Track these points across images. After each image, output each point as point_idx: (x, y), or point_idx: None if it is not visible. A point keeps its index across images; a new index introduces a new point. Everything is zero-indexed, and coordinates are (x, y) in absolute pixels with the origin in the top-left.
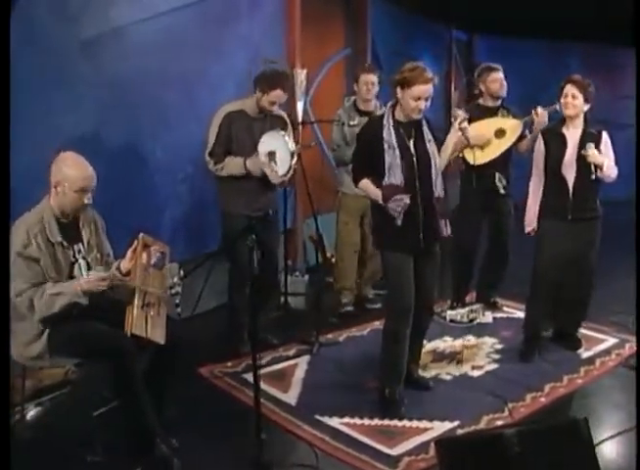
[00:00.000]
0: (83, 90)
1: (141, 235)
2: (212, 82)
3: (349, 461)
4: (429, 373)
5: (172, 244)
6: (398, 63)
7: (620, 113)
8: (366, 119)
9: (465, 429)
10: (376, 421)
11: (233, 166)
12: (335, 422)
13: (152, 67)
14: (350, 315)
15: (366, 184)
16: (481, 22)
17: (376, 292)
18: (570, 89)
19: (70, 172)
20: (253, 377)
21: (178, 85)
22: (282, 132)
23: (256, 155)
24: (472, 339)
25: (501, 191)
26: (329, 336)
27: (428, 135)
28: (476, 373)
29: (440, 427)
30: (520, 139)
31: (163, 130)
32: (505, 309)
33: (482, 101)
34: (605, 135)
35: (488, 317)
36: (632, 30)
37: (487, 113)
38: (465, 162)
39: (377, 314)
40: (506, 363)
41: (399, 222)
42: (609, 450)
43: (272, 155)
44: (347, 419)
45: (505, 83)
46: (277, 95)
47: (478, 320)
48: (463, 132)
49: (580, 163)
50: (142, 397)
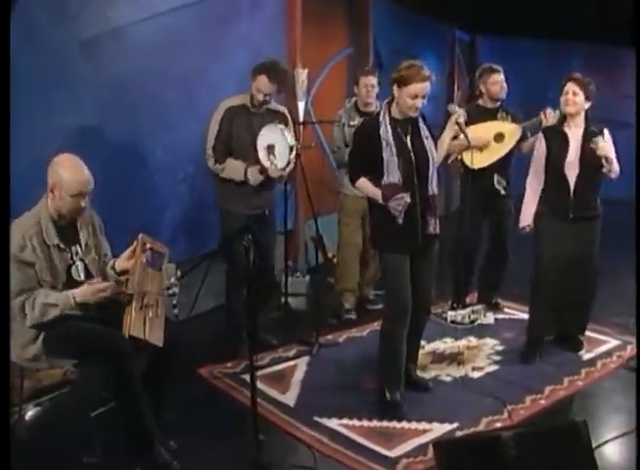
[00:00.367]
0: (83, 90)
1: (140, 235)
2: (213, 82)
3: (347, 463)
4: (428, 374)
5: (173, 244)
6: (401, 63)
7: (622, 112)
8: None
9: (464, 431)
10: (375, 423)
11: (233, 170)
12: (333, 423)
13: (152, 67)
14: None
15: (364, 183)
16: (484, 22)
17: (377, 293)
18: (570, 87)
19: (67, 176)
20: (250, 378)
21: (178, 85)
22: (281, 126)
23: (257, 156)
24: (473, 340)
25: (502, 192)
26: (329, 337)
27: (424, 132)
28: (476, 374)
29: (439, 429)
30: (521, 140)
31: (164, 130)
32: (507, 310)
33: (482, 102)
34: (607, 133)
35: (490, 318)
36: (632, 30)
37: (487, 114)
38: (464, 164)
39: (378, 315)
40: (507, 365)
41: (400, 221)
42: (609, 453)
43: (271, 148)
44: (346, 420)
45: (505, 86)
46: (262, 82)
47: (479, 321)
48: (459, 127)
49: (583, 161)
50: (140, 398)
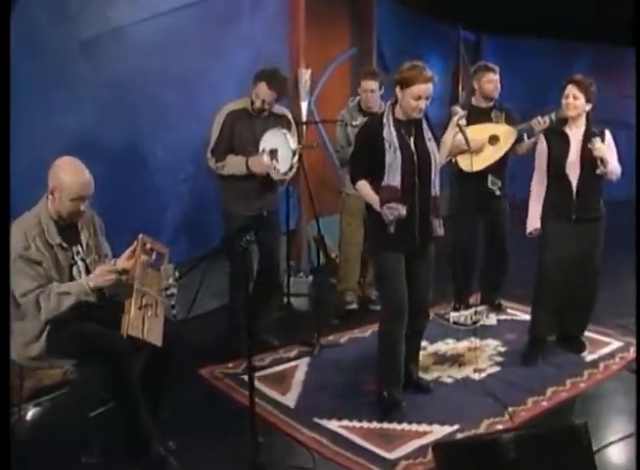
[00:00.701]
0: (83, 90)
1: (140, 236)
2: (213, 82)
3: (347, 464)
4: (430, 375)
5: (174, 244)
6: (404, 64)
7: (627, 112)
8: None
9: (465, 433)
10: (374, 424)
11: (234, 165)
12: (333, 425)
13: (152, 67)
14: (353, 315)
15: (364, 186)
16: (489, 22)
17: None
18: (571, 90)
19: (67, 179)
20: (248, 378)
21: (179, 85)
22: (283, 130)
23: (260, 154)
24: (475, 341)
25: (496, 193)
26: (330, 337)
27: (427, 134)
28: (477, 376)
29: (440, 431)
30: (516, 141)
31: (164, 130)
32: (510, 311)
33: (475, 101)
34: (608, 134)
35: (492, 319)
36: (633, 30)
37: (481, 114)
38: (458, 165)
39: (380, 316)
40: (509, 366)
41: (392, 230)
42: (611, 455)
43: (274, 153)
44: (346, 422)
45: (499, 86)
46: (262, 89)
47: (481, 322)
48: (460, 130)
49: (584, 162)
50: (138, 398)
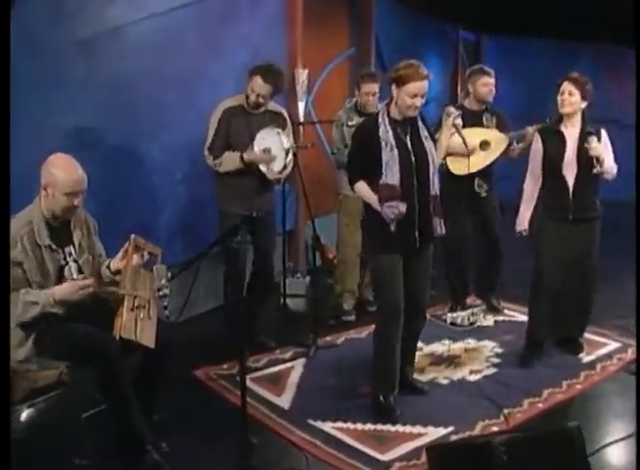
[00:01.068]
0: (81, 90)
1: (132, 236)
2: (211, 82)
3: (340, 466)
4: (426, 377)
5: (170, 245)
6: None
7: (629, 112)
8: None
9: (459, 435)
10: (368, 426)
11: (230, 162)
12: (327, 426)
13: (150, 66)
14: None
15: (362, 187)
16: (489, 22)
17: None
18: (566, 86)
19: (60, 175)
20: (240, 379)
21: (176, 85)
22: (277, 129)
23: (251, 148)
24: (472, 342)
25: (482, 195)
26: (327, 338)
27: (424, 132)
28: (473, 377)
29: (434, 433)
30: (507, 146)
31: (161, 130)
32: (507, 312)
33: (468, 104)
34: (604, 133)
35: (490, 320)
36: (633, 30)
37: (472, 117)
38: (445, 167)
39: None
40: (505, 368)
41: (393, 228)
42: (609, 457)
43: (267, 152)
44: (340, 424)
45: (494, 90)
46: (257, 82)
47: (478, 323)
48: (457, 130)
49: (581, 161)
50: (130, 400)
